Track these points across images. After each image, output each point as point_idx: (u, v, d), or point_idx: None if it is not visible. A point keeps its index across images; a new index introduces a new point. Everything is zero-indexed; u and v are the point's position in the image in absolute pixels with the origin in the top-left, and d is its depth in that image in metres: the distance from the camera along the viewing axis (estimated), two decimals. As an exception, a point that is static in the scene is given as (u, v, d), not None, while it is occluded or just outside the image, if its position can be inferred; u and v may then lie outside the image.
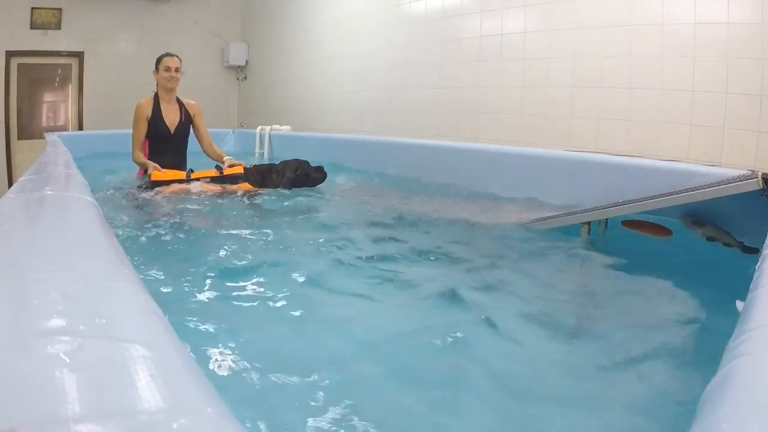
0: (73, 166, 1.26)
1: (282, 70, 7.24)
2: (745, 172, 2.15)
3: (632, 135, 3.38)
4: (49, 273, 0.46)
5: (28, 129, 7.27)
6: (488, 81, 4.28)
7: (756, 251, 2.22)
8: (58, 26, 7.18)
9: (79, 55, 7.40)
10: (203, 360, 1.21)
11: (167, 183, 3.33)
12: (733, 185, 2.10)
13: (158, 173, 3.36)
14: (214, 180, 3.43)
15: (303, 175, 3.48)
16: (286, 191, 3.38)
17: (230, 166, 3.55)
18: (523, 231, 2.55)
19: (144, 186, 3.38)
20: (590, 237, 2.50)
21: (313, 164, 3.56)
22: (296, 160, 3.53)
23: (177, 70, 3.62)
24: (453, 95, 4.60)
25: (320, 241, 2.39)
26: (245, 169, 3.54)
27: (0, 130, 7.07)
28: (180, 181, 3.36)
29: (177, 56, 3.68)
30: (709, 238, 2.34)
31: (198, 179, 3.41)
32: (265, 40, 7.72)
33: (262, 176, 3.49)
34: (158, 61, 3.65)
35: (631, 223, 2.51)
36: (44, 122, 7.46)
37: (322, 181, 3.54)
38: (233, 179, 3.46)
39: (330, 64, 6.18)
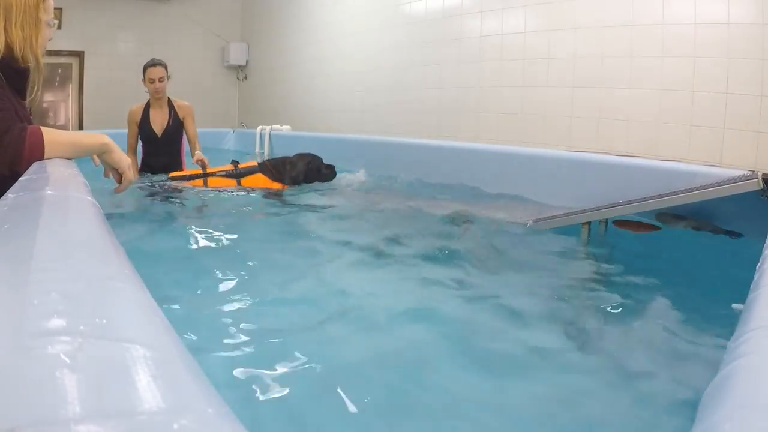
0: (74, 166, 1.25)
1: (282, 70, 7.24)
2: (745, 172, 2.16)
3: (632, 135, 3.38)
4: (49, 273, 0.46)
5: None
6: (488, 81, 4.28)
7: (739, 235, 2.25)
8: (58, 26, 7.16)
9: (79, 55, 7.40)
10: (203, 360, 1.21)
11: (185, 178, 3.45)
12: (733, 185, 2.10)
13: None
14: (228, 174, 3.50)
15: (314, 170, 3.58)
16: (296, 187, 3.50)
17: (198, 160, 3.64)
18: (522, 231, 2.55)
19: (166, 184, 3.44)
20: (590, 238, 2.50)
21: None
22: (310, 154, 3.63)
23: (161, 80, 3.69)
24: (453, 95, 4.60)
25: (321, 241, 2.39)
26: (260, 162, 3.65)
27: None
28: (198, 177, 3.46)
29: (161, 64, 3.71)
30: (695, 229, 2.34)
31: (213, 174, 3.50)
32: (265, 40, 7.72)
33: (276, 168, 3.55)
34: (143, 70, 3.72)
35: (621, 223, 2.52)
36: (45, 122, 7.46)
37: (332, 179, 3.66)
38: (248, 173, 3.54)
39: (330, 64, 6.18)
